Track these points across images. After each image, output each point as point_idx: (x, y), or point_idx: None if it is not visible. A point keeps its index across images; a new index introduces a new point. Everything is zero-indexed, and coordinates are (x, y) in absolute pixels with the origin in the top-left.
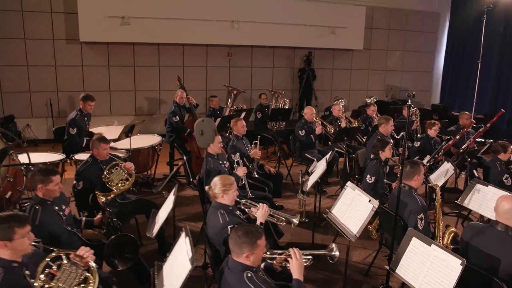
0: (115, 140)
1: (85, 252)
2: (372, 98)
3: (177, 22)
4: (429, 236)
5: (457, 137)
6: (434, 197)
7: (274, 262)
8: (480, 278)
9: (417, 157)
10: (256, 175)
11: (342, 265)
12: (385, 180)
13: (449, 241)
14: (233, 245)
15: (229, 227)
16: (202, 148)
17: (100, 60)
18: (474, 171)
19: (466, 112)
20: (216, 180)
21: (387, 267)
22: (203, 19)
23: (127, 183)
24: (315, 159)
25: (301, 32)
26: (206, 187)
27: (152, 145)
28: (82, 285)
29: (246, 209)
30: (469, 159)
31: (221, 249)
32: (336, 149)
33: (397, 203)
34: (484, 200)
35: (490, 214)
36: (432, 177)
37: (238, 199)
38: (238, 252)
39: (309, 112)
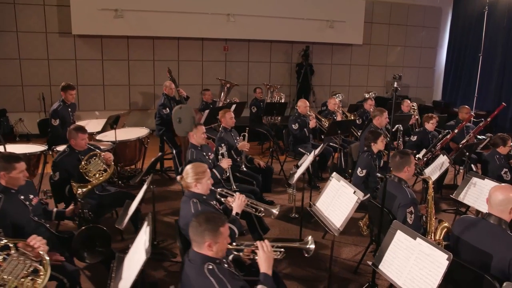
0: (99, 132)
1: (36, 241)
2: (370, 93)
3: (171, 15)
4: (420, 231)
5: (456, 130)
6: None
7: (241, 254)
8: (471, 275)
9: (413, 151)
10: (245, 169)
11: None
12: (377, 173)
13: (441, 237)
14: (194, 233)
15: None
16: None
17: (93, 53)
18: (473, 165)
19: (466, 106)
20: (188, 169)
21: (370, 263)
22: (198, 12)
23: (105, 174)
24: (307, 153)
25: (298, 26)
26: (178, 177)
27: (139, 138)
28: (30, 278)
29: (222, 199)
30: (467, 153)
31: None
32: (331, 143)
33: (383, 194)
34: (480, 194)
35: (486, 209)
36: (427, 170)
37: (213, 188)
38: (199, 242)
39: (302, 105)
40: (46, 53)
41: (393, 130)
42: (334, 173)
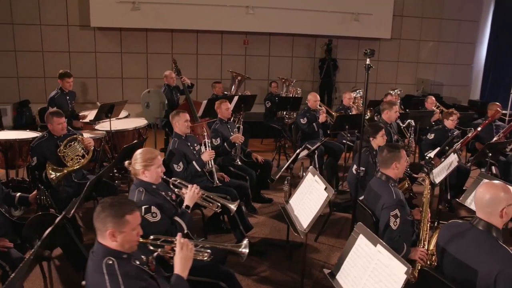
0: (92, 121)
1: None
2: (396, 90)
3: (189, 7)
4: (410, 239)
5: (479, 128)
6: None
7: (159, 251)
8: None
9: (429, 151)
10: (239, 162)
11: (319, 267)
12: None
13: (435, 247)
14: (96, 220)
15: (143, 207)
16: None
17: (112, 46)
18: (493, 167)
19: (496, 103)
20: (137, 154)
21: (326, 272)
22: (217, 4)
23: (83, 160)
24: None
25: (321, 19)
26: (126, 162)
27: (136, 128)
28: None
29: (177, 190)
30: (490, 154)
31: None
32: (344, 141)
33: (356, 191)
34: None
35: None
36: (435, 171)
37: (165, 177)
38: (102, 230)
39: (312, 99)
40: (67, 45)
41: (404, 125)
42: (311, 167)
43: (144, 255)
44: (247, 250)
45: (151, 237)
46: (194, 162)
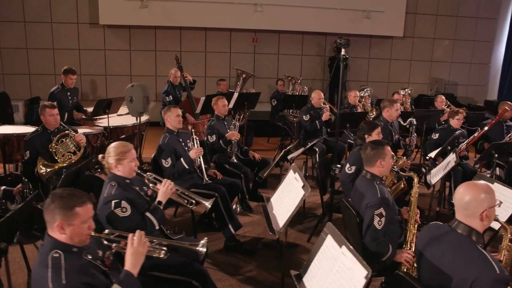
0: (89, 116)
1: None
2: (406, 90)
3: (198, 4)
4: (397, 240)
5: (486, 128)
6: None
7: (114, 246)
8: None
9: (433, 152)
10: (235, 160)
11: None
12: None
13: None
14: (45, 212)
15: (113, 201)
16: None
17: (121, 44)
18: (498, 169)
19: (508, 102)
20: (110, 148)
21: (293, 274)
22: (225, 1)
23: (74, 157)
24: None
25: (331, 17)
26: (99, 156)
27: (135, 124)
28: None
29: (151, 185)
30: (496, 155)
31: (107, 227)
32: (348, 140)
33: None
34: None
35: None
36: (434, 171)
37: (139, 172)
38: (50, 222)
39: (316, 96)
40: (77, 43)
41: (405, 124)
42: (293, 164)
43: (101, 249)
44: (204, 249)
45: (106, 231)
46: (182, 159)
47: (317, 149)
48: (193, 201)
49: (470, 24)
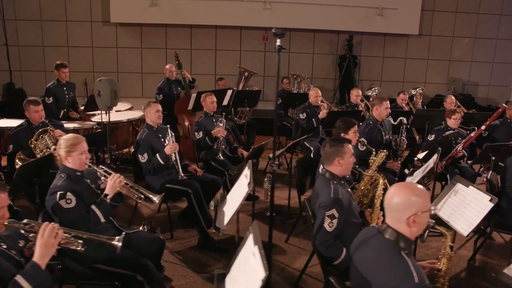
0: (82, 112)
1: None
2: (418, 89)
3: (207, 2)
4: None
5: (482, 127)
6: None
7: (31, 236)
8: None
9: (423, 153)
10: (222, 157)
11: (278, 269)
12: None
13: None
14: None
15: (58, 193)
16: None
17: (133, 42)
18: (491, 172)
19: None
20: (61, 140)
21: (216, 273)
22: None
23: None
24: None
25: (343, 14)
26: (52, 147)
27: (129, 120)
28: None
29: (102, 178)
30: (493, 157)
31: (55, 219)
32: None
33: (271, 189)
34: (458, 207)
35: (461, 226)
36: (416, 172)
37: (91, 165)
38: None
39: (313, 94)
40: (91, 41)
41: (395, 123)
42: (249, 161)
43: (24, 239)
44: (119, 244)
45: (24, 220)
46: (157, 155)
47: (312, 148)
48: (142, 196)
49: (493, 22)
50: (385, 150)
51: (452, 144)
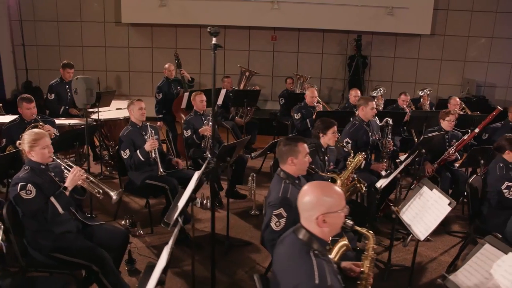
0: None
1: None
2: (425, 90)
3: (216, 3)
4: None
5: (476, 130)
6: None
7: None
8: None
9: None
10: (209, 155)
11: (247, 267)
12: (325, 172)
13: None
14: None
15: (19, 184)
16: None
17: (144, 41)
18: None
19: None
20: (25, 135)
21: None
22: None
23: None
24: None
25: (352, 14)
26: (17, 142)
27: (125, 117)
28: None
29: (65, 171)
30: (482, 161)
31: (18, 209)
32: None
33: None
34: (420, 211)
35: (420, 230)
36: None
37: (55, 158)
38: None
39: (309, 94)
40: (104, 41)
41: (381, 124)
42: (209, 158)
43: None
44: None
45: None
46: (137, 151)
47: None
48: (101, 190)
49: (511, 21)
50: (363, 153)
51: (446, 146)
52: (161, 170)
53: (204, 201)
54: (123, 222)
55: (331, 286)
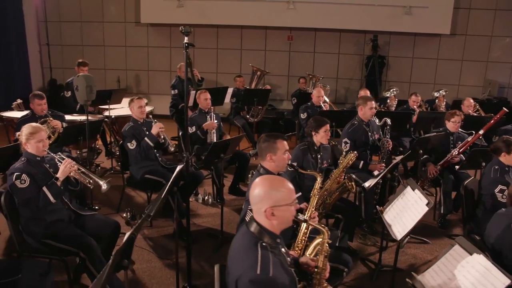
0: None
1: None
2: (441, 91)
3: (232, 3)
4: (286, 241)
5: (481, 132)
6: None
7: None
8: None
9: (425, 156)
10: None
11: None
12: (317, 170)
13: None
14: None
15: (15, 174)
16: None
17: (162, 41)
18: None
19: None
20: (23, 128)
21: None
22: None
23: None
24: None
25: (370, 13)
26: (17, 133)
27: None
28: None
29: (59, 164)
30: (483, 163)
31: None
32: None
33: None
34: (402, 210)
35: (398, 230)
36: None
37: (49, 152)
38: None
39: (316, 94)
40: (124, 40)
41: (380, 124)
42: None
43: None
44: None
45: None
46: (146, 138)
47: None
48: (91, 181)
49: None
50: (355, 152)
51: (451, 148)
52: (160, 159)
53: (206, 197)
54: (124, 215)
55: (273, 277)
